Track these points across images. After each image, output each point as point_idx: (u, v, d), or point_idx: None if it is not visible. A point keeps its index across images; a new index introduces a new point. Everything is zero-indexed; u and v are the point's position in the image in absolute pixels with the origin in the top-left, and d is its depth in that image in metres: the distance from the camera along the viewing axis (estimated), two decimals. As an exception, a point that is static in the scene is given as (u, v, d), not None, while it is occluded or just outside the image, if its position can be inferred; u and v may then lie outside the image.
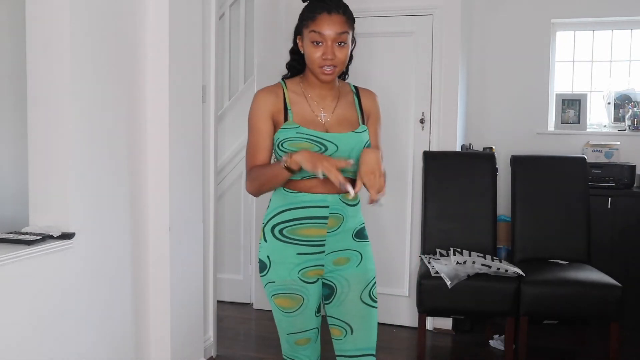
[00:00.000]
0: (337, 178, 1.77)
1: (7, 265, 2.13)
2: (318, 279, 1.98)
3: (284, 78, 2.05)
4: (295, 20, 2.00)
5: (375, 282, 2.02)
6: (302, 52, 1.96)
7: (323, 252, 1.95)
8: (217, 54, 3.37)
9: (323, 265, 1.96)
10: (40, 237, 2.28)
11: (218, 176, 3.95)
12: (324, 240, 1.94)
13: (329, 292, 2.00)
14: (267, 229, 1.99)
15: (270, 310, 4.54)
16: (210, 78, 3.31)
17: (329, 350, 2.13)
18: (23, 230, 2.37)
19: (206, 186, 3.31)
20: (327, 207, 1.91)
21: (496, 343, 3.72)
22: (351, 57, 2.03)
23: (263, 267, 1.99)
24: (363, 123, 1.99)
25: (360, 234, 2.01)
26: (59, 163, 2.43)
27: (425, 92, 3.99)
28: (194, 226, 3.14)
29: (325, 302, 2.02)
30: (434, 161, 3.74)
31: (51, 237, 2.34)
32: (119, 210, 2.72)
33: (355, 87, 2.06)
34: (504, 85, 4.52)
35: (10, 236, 2.28)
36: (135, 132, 2.81)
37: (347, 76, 2.09)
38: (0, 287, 2.12)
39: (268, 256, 1.97)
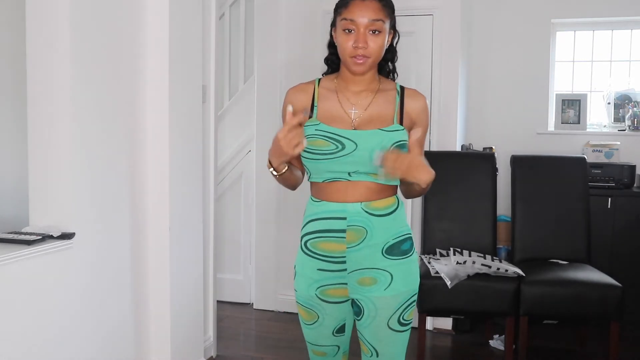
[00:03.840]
0: (292, 138, 1.61)
1: (7, 265, 2.13)
2: (345, 300, 1.85)
3: (324, 74, 1.93)
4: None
5: (410, 304, 1.83)
6: (336, 44, 1.82)
7: (345, 270, 1.80)
8: (217, 54, 3.36)
9: (346, 284, 1.82)
10: (40, 237, 2.28)
11: (218, 176, 3.95)
12: (345, 257, 1.79)
13: (357, 310, 1.85)
14: (300, 239, 1.88)
15: (270, 310, 4.56)
16: (210, 78, 3.31)
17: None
18: (23, 230, 2.37)
19: (206, 186, 3.31)
20: (345, 218, 1.77)
21: (496, 343, 3.72)
22: (395, 52, 1.91)
23: (294, 274, 1.92)
24: (400, 122, 1.80)
25: (396, 250, 1.79)
26: (59, 163, 2.43)
27: (425, 92, 3.96)
28: (194, 226, 3.14)
29: (356, 317, 1.88)
30: (434, 161, 3.71)
31: (51, 237, 2.34)
32: (119, 210, 2.72)
33: (402, 87, 1.88)
34: (504, 85, 4.52)
35: (10, 236, 2.28)
36: (136, 132, 2.81)
37: (395, 75, 1.94)
38: (0, 287, 2.12)
39: (295, 266, 1.91)
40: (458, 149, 4.07)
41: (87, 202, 2.52)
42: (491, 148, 4.21)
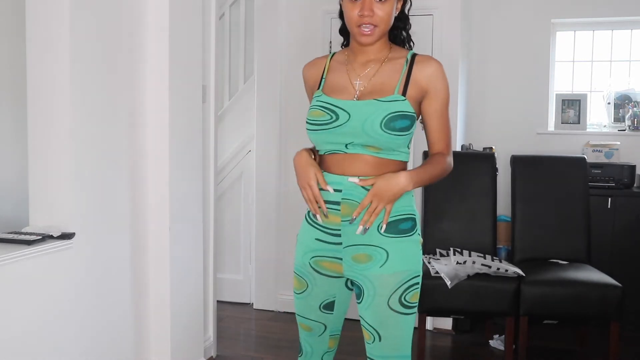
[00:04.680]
0: (313, 208, 1.77)
1: (7, 265, 2.13)
2: (338, 276, 1.83)
3: (342, 46, 1.93)
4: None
5: (412, 285, 1.76)
6: None
7: (340, 243, 1.78)
8: (217, 54, 3.36)
9: (341, 259, 1.79)
10: (40, 237, 2.28)
11: (218, 176, 3.95)
12: (340, 230, 1.77)
13: (358, 291, 1.81)
14: (306, 209, 1.89)
15: (270, 310, 4.56)
16: (210, 78, 3.31)
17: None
18: (23, 230, 2.37)
19: (206, 186, 3.31)
20: (340, 191, 1.74)
21: (496, 343, 3.72)
22: (407, 18, 1.86)
23: (296, 243, 1.94)
24: (402, 93, 1.72)
25: (391, 228, 1.74)
26: (59, 163, 2.43)
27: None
28: (194, 226, 3.14)
29: (357, 301, 1.83)
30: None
31: (51, 237, 2.34)
32: (119, 210, 2.72)
33: (414, 55, 1.79)
34: (504, 85, 4.52)
35: (10, 236, 2.28)
36: (136, 132, 2.81)
37: (411, 43, 1.88)
38: (0, 287, 2.12)
39: (297, 235, 1.92)
40: (458, 149, 4.07)
41: (87, 202, 2.52)
42: (491, 148, 4.21)
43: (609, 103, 4.43)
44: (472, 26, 4.48)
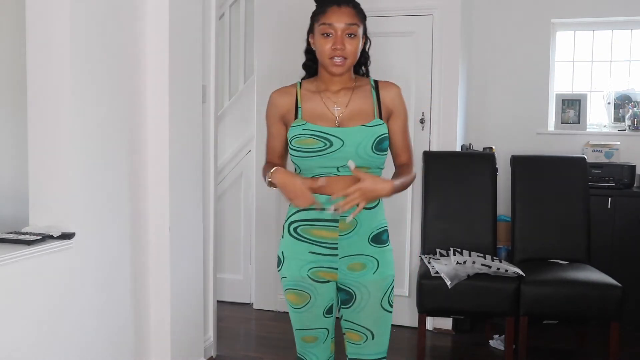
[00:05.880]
0: (308, 204, 1.87)
1: (7, 265, 2.13)
2: (330, 281, 1.97)
3: (303, 79, 2.08)
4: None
5: (392, 288, 2.01)
6: (315, 49, 1.97)
7: (337, 255, 1.94)
8: (217, 54, 3.37)
9: (337, 269, 1.95)
10: (40, 237, 2.28)
11: (218, 176, 3.95)
12: (337, 244, 1.93)
13: (347, 297, 1.98)
14: (286, 225, 2.01)
15: (270, 310, 4.56)
16: (210, 78, 3.31)
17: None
18: (23, 230, 2.37)
19: (206, 186, 3.31)
20: (337, 210, 1.87)
21: (496, 343, 3.72)
22: (368, 56, 2.05)
23: (278, 262, 2.04)
24: (379, 117, 1.95)
25: (378, 239, 1.97)
26: (59, 163, 2.43)
27: (425, 92, 3.99)
28: (194, 226, 3.14)
29: (343, 306, 2.01)
30: (434, 161, 3.73)
31: (51, 237, 2.34)
32: (119, 210, 2.72)
33: (375, 81, 2.03)
34: (504, 85, 4.52)
35: (10, 236, 2.28)
36: (136, 132, 2.81)
37: (368, 76, 2.08)
38: (0, 287, 2.12)
39: (282, 252, 2.02)
40: (458, 149, 4.07)
41: (87, 202, 2.52)
42: (491, 148, 4.20)
43: (609, 103, 4.44)
44: (472, 26, 4.48)
